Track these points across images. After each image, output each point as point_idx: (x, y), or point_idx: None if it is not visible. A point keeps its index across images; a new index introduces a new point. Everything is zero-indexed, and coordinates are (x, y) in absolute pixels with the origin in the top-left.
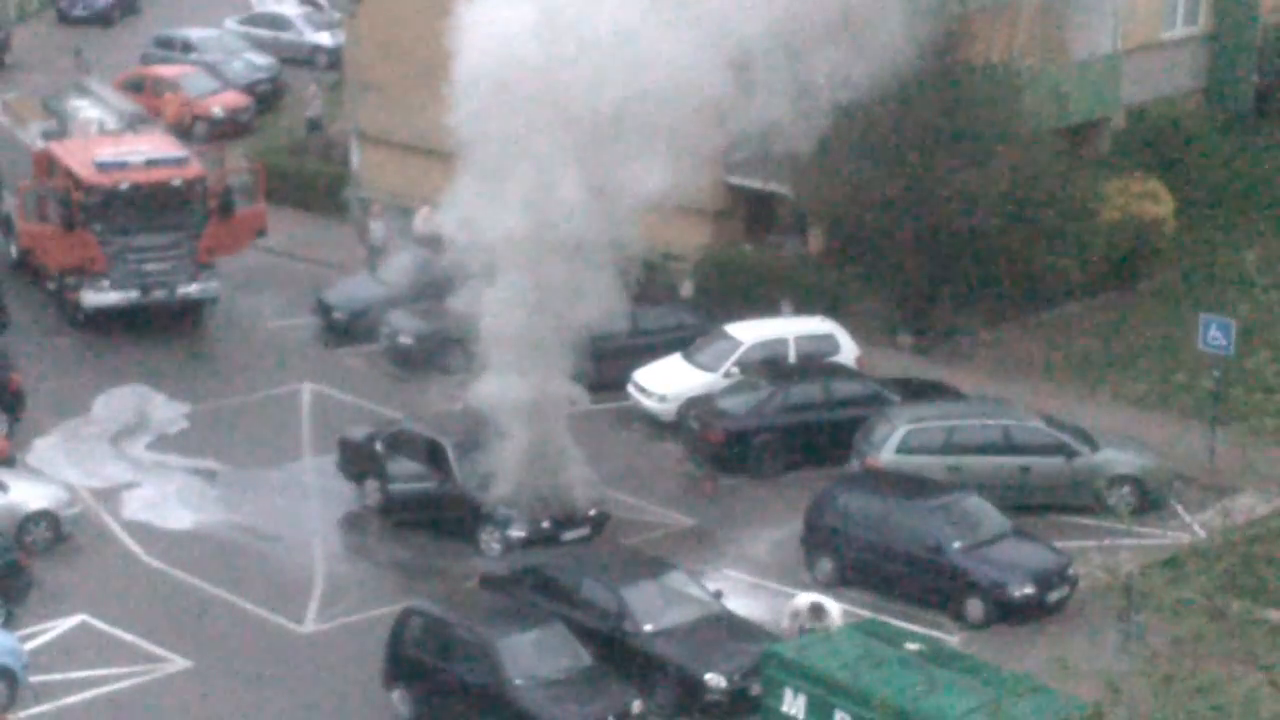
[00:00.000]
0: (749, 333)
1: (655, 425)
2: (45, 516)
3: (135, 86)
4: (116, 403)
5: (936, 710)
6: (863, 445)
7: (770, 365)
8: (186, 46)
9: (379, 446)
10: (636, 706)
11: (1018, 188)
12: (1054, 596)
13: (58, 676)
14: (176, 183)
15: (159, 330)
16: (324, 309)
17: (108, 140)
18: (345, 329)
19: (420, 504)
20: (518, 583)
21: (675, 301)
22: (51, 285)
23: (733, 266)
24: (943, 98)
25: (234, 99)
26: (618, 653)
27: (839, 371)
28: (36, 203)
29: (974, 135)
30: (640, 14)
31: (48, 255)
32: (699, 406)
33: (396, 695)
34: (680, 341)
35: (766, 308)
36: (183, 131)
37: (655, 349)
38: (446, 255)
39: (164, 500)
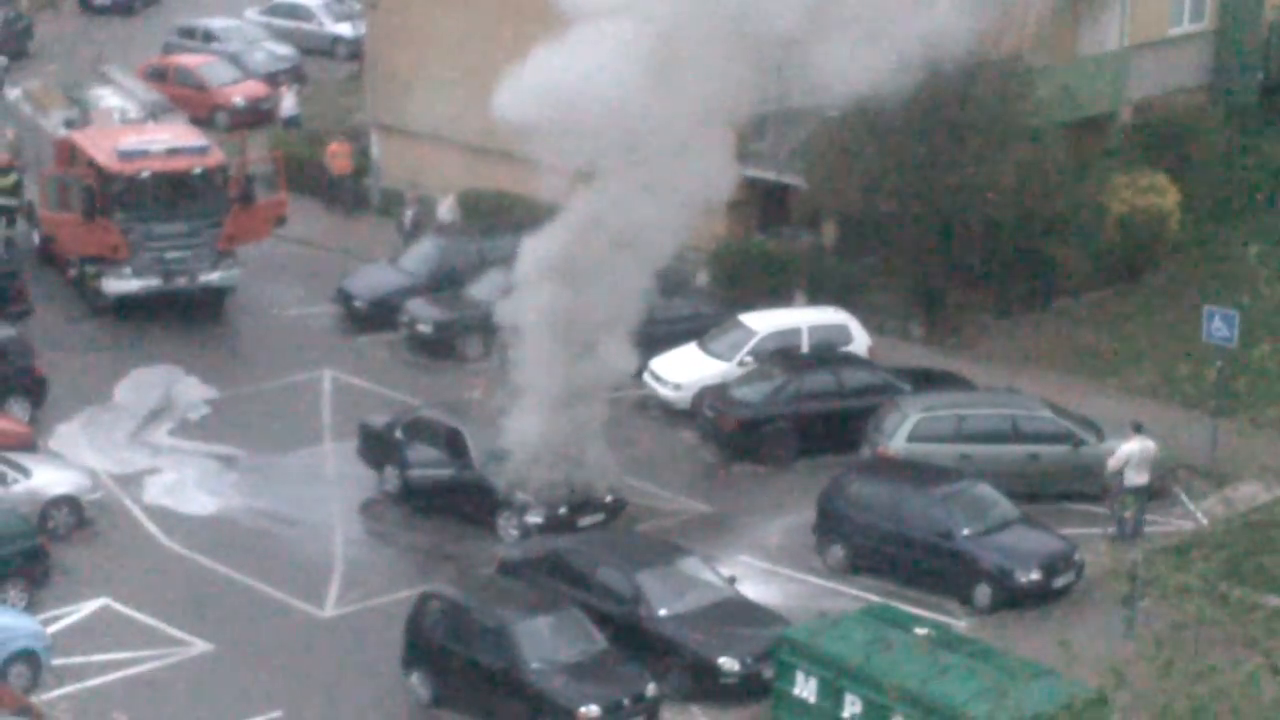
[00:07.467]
0: (763, 322)
1: (670, 413)
2: (67, 501)
3: (157, 76)
4: (140, 387)
5: (944, 694)
6: (874, 434)
7: (784, 355)
8: (208, 36)
9: (398, 433)
10: (651, 690)
11: (1026, 182)
12: (1060, 582)
13: (80, 659)
14: (198, 171)
15: (180, 318)
16: (344, 297)
17: (129, 129)
18: (365, 317)
19: (439, 490)
20: (535, 568)
21: (690, 291)
22: (73, 273)
23: (747, 257)
24: (953, 92)
25: (255, 89)
26: (633, 637)
27: (851, 361)
28: (58, 191)
29: (983, 129)
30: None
31: (70, 243)
32: (713, 395)
33: (415, 678)
34: (695, 331)
35: (780, 298)
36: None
37: (671, 338)
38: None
39: (185, 485)
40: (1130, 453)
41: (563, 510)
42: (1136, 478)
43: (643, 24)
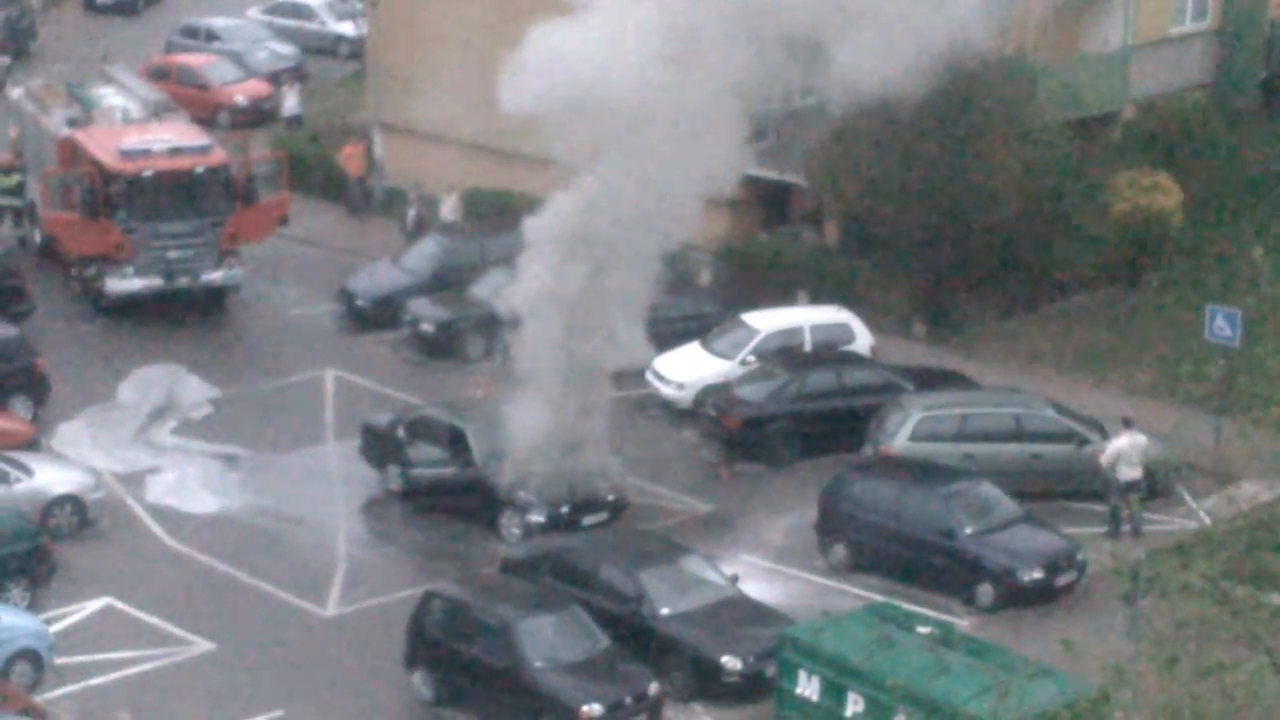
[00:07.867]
0: (766, 321)
1: (673, 412)
2: (70, 501)
3: (160, 75)
4: (142, 386)
5: (946, 692)
6: (876, 433)
7: (786, 354)
8: (210, 35)
9: (401, 432)
10: (654, 688)
11: (1029, 180)
12: (1062, 581)
13: (82, 658)
14: (200, 170)
15: (183, 317)
16: (347, 296)
17: (132, 128)
18: (368, 316)
19: (441, 489)
20: (537, 567)
21: (693, 290)
22: (75, 272)
23: (750, 256)
24: (956, 91)
25: (257, 88)
26: (635, 636)
27: (854, 360)
28: (61, 190)
29: (986, 129)
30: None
31: (72, 242)
32: (716, 394)
33: (417, 677)
34: (698, 330)
35: (783, 297)
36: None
37: (673, 337)
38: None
39: (188, 484)
40: (1120, 448)
41: (565, 509)
42: (1129, 473)
43: (656, 8)
